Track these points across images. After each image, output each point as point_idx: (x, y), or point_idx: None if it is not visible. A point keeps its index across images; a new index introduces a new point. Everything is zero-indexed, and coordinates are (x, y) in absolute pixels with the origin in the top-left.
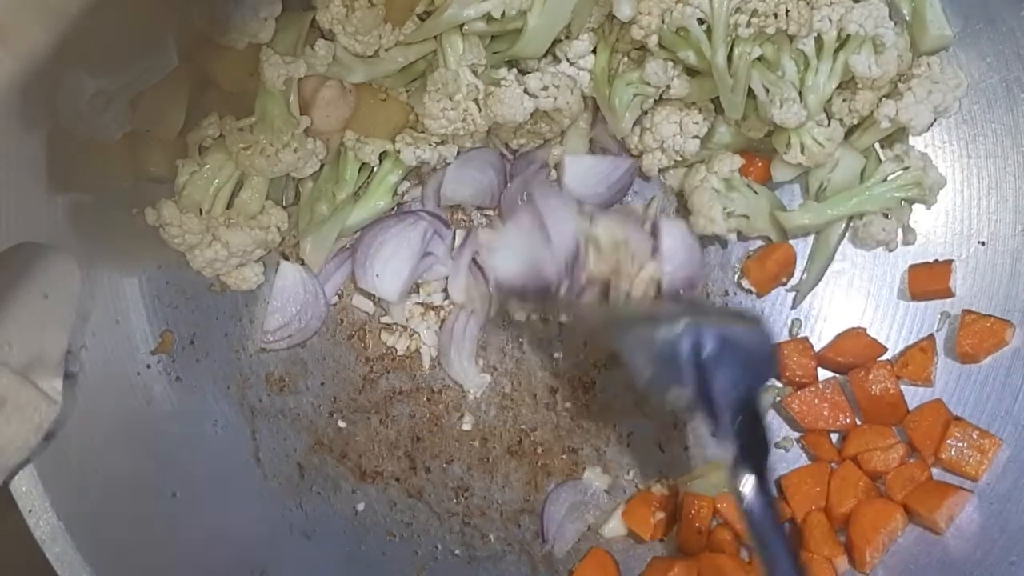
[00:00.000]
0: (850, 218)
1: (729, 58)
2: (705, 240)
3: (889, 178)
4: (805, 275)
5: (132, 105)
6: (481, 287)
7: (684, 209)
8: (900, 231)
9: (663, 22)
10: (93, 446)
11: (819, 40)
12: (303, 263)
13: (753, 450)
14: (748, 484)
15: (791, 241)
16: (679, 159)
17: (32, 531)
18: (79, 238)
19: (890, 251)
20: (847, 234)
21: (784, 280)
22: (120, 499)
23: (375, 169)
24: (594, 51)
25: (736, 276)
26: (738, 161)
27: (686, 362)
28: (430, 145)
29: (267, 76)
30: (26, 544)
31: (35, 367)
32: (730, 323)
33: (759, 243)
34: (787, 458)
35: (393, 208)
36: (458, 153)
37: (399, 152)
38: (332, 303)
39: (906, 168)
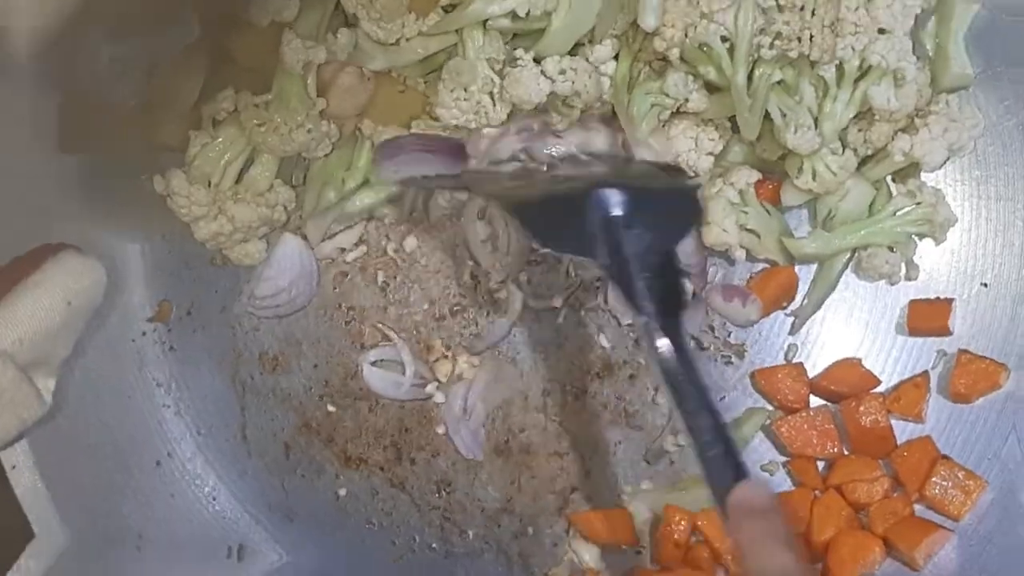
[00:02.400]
0: (855, 249)
1: (749, 78)
2: (713, 255)
3: (899, 212)
4: (806, 301)
5: (149, 73)
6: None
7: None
8: (904, 265)
9: (686, 36)
10: (83, 408)
11: (840, 68)
12: (305, 237)
13: (669, 307)
14: (664, 342)
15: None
16: (692, 175)
17: (13, 488)
18: (86, 200)
19: (892, 285)
20: (850, 264)
21: (784, 304)
22: (105, 463)
23: None
24: (616, 57)
25: None
26: (755, 175)
27: (596, 229)
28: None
29: (287, 59)
30: (4, 501)
31: (38, 366)
32: (641, 180)
33: (762, 266)
34: (772, 482)
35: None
36: None
37: None
38: (334, 288)
39: (918, 203)
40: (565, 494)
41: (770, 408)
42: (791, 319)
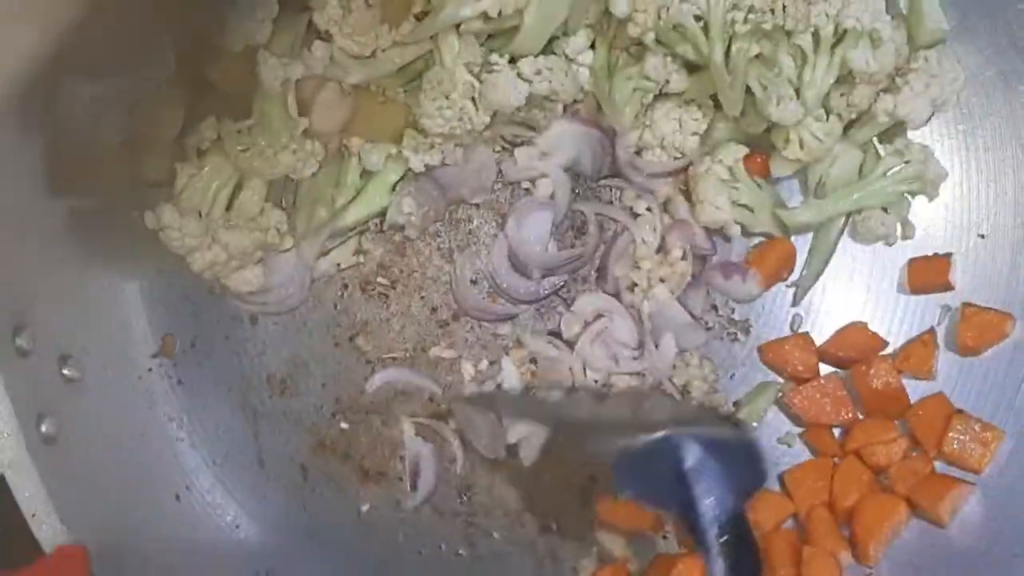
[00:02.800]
0: (849, 213)
1: (727, 55)
2: (709, 235)
3: (890, 172)
4: (805, 271)
5: (130, 109)
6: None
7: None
8: (899, 225)
9: (659, 18)
10: (97, 451)
11: (816, 36)
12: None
13: (743, 570)
14: None
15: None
16: (679, 156)
17: (35, 535)
18: (79, 242)
19: (889, 245)
20: (846, 229)
21: (784, 275)
22: (124, 502)
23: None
24: (592, 47)
25: None
26: (742, 150)
27: (665, 477)
28: (433, 147)
29: (264, 78)
30: (30, 550)
31: None
32: (712, 431)
33: (758, 240)
34: (790, 454)
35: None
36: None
37: (408, 159)
38: (335, 306)
39: (907, 162)
40: (586, 485)
41: (781, 381)
42: (793, 290)
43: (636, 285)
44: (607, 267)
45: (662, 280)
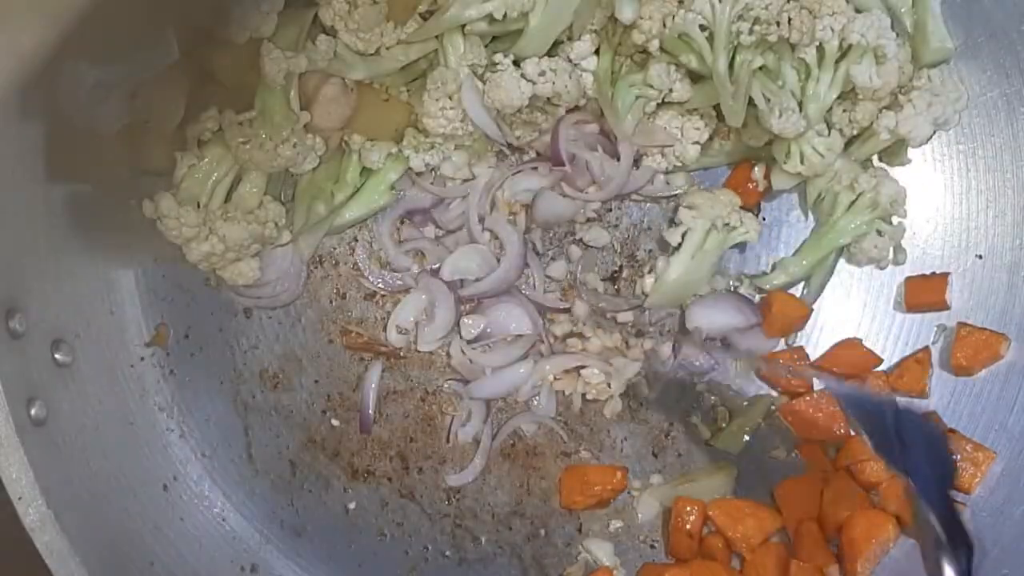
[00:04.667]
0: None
1: (731, 66)
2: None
3: (852, 207)
4: (805, 291)
5: (132, 96)
6: None
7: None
8: (892, 250)
9: (664, 27)
10: (85, 437)
11: (821, 49)
12: None
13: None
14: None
15: None
16: (679, 164)
17: (21, 519)
18: (77, 228)
19: (881, 269)
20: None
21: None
22: (111, 490)
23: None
24: (597, 52)
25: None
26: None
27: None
28: (434, 147)
29: (267, 71)
30: (14, 532)
31: None
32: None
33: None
34: (781, 468)
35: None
36: None
37: (408, 158)
38: (330, 302)
39: (860, 194)
40: None
41: (774, 394)
42: None
43: None
44: None
45: None
